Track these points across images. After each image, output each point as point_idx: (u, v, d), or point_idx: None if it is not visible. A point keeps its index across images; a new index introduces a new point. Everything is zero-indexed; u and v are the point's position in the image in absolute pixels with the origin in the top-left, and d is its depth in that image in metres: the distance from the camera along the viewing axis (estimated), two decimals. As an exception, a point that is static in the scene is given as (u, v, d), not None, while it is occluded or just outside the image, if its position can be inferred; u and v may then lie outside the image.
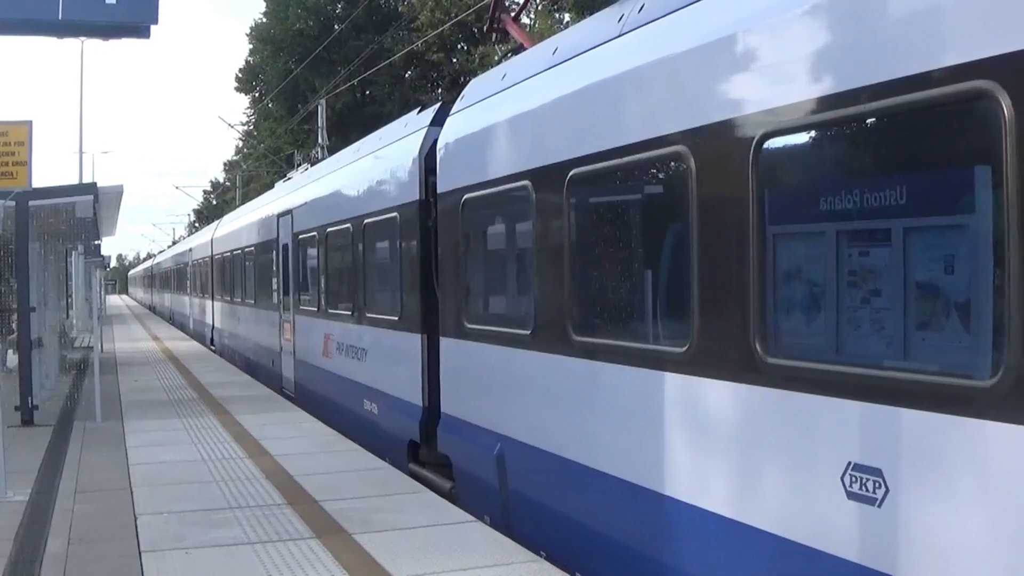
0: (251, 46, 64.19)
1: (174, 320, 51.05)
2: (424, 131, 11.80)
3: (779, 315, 5.68)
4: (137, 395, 18.19)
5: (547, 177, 8.22)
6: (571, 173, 7.79)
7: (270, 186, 36.26)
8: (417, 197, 11.62)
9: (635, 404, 7.00)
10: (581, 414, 7.79)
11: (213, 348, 31.45)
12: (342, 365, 15.07)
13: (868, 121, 5.10)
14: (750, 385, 5.70)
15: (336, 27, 51.77)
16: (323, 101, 38.27)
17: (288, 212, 19.26)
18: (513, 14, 12.54)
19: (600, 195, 8.11)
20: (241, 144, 76.36)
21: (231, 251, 27.49)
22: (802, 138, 5.62)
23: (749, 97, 5.79)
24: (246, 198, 50.88)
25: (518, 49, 9.58)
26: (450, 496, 10.11)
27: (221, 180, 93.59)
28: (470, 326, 9.95)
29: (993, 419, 4.18)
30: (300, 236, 18.11)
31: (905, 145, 5.08)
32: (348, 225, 14.66)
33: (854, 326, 5.30)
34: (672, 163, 6.71)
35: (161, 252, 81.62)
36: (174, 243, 79.95)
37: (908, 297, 4.97)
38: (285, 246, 19.37)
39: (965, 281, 4.69)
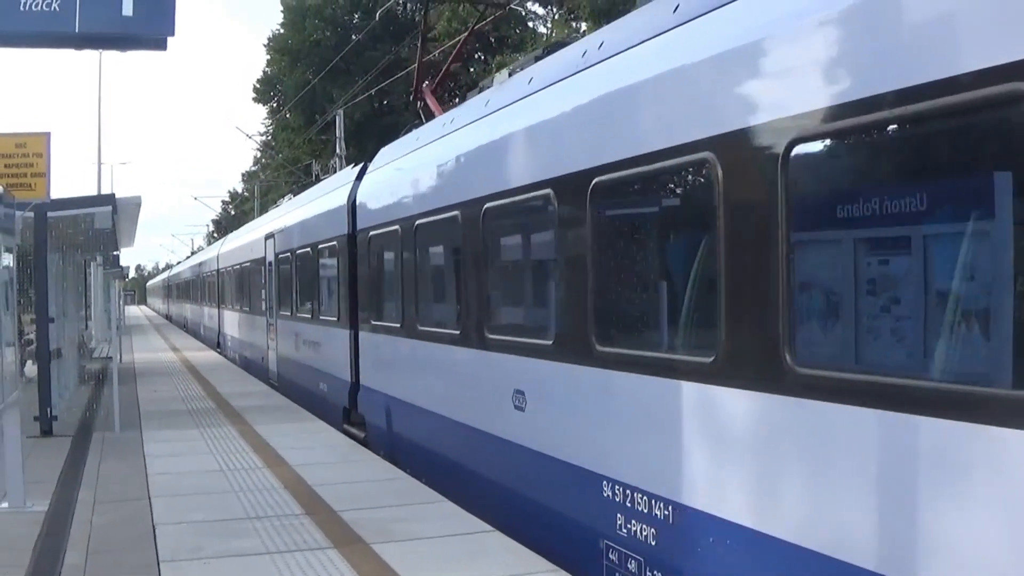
0: (268, 57, 64.46)
1: (188, 327, 54.27)
2: (351, 184, 16.14)
3: (488, 313, 10.14)
4: (156, 405, 18.24)
5: (407, 224, 12.56)
6: (417, 223, 12.15)
7: (287, 195, 36.82)
8: (346, 231, 15.90)
9: (438, 366, 11.61)
10: (423, 375, 12.24)
11: (219, 350, 35.04)
12: (306, 357, 19.40)
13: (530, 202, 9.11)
14: (478, 350, 10.12)
15: (353, 37, 51.93)
16: (340, 111, 38.41)
17: (272, 235, 23.26)
18: (432, 87, 16.45)
19: (432, 239, 12.22)
20: (259, 154, 76.70)
21: (232, 266, 31.51)
22: (509, 206, 9.50)
23: (478, 184, 10.14)
24: (264, 209, 51.08)
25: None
26: (363, 442, 14.34)
27: (239, 190, 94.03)
28: (373, 322, 14.45)
29: (553, 360, 8.41)
30: (280, 255, 22.17)
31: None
32: (309, 248, 18.92)
33: (514, 314, 10.24)
34: (456, 221, 10.68)
35: (178, 264, 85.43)
36: (192, 253, 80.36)
37: (522, 297, 10.27)
38: (270, 263, 23.32)
39: (544, 284, 9.40)
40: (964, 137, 4.81)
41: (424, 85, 16.41)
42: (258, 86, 66.99)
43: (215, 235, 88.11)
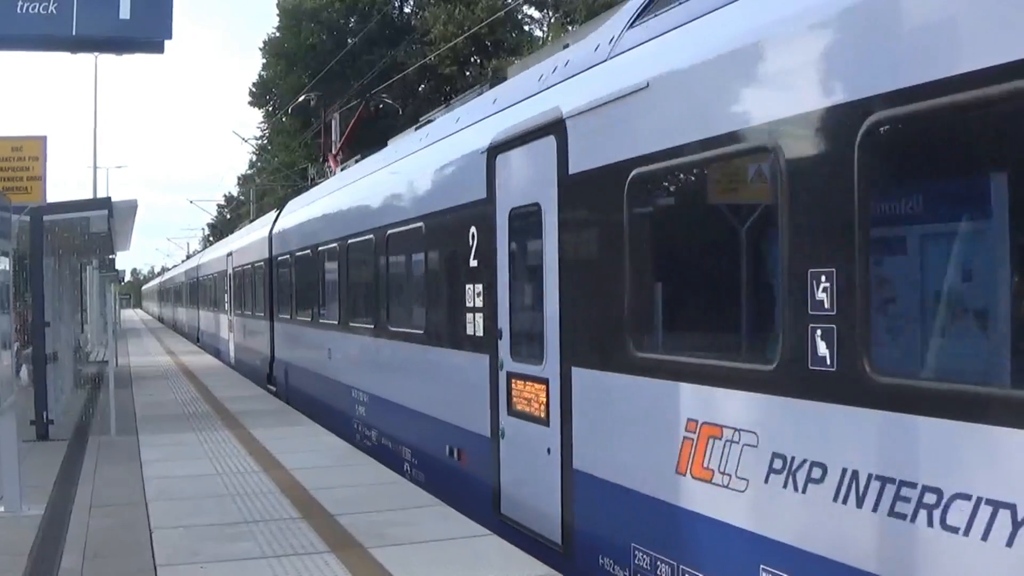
0: (264, 60, 64.33)
1: (176, 327, 62.41)
2: (271, 223, 23.95)
3: (318, 306, 18.02)
4: (152, 409, 18.22)
5: (291, 255, 20.27)
6: (296, 255, 19.67)
7: (284, 200, 37.27)
8: (267, 256, 23.47)
9: (303, 339, 19.45)
10: (297, 346, 20.13)
11: (199, 343, 42.56)
12: (248, 341, 27.17)
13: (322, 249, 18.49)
14: (314, 328, 18.12)
15: (349, 41, 51.89)
16: (336, 115, 38.38)
17: (231, 254, 31.24)
18: (335, 152, 25.91)
19: (302, 265, 19.25)
20: (255, 158, 76.59)
21: (207, 275, 39.93)
22: (327, 249, 17.11)
23: (315, 237, 18.21)
24: (260, 212, 51.07)
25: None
26: (276, 394, 21.25)
27: (235, 194, 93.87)
28: (279, 315, 22.07)
29: (339, 332, 16.14)
30: (234, 269, 29.87)
31: None
32: (249, 265, 26.51)
33: (325, 306, 17.67)
34: (310, 255, 18.33)
35: (168, 270, 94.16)
36: (188, 257, 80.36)
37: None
38: (229, 274, 31.25)
39: (334, 292, 17.12)
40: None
41: (327, 154, 26.25)
42: (254, 89, 66.89)
43: (211, 239, 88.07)
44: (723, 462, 5.98)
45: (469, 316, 9.95)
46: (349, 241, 15.19)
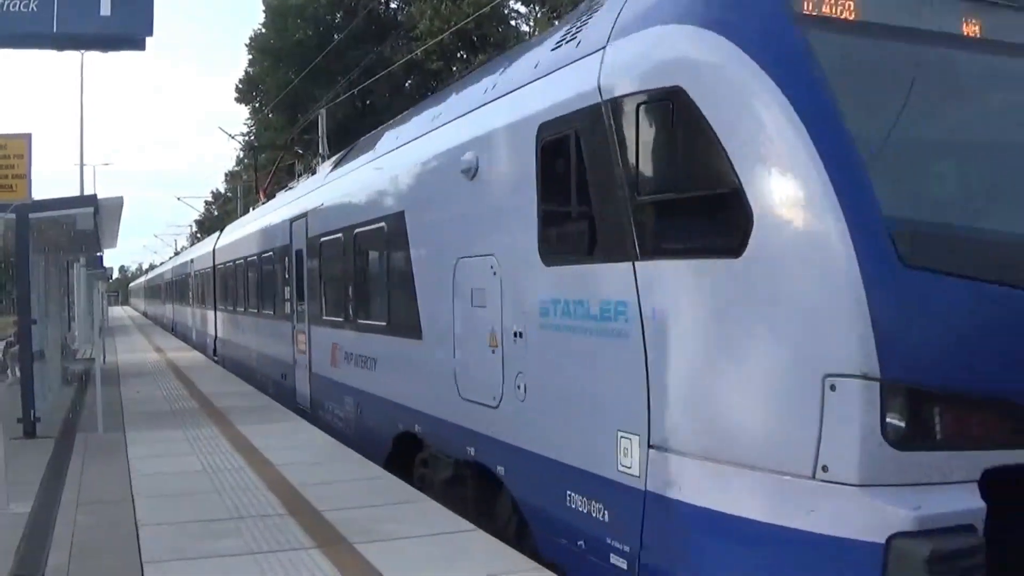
0: (250, 57, 64.12)
1: (157, 320, 69.80)
2: (215, 240, 33.44)
3: (232, 299, 28.18)
4: (139, 406, 18.18)
5: (223, 265, 29.88)
6: (224, 265, 29.46)
7: (270, 196, 37.36)
8: (212, 264, 32.03)
9: (230, 322, 28.59)
10: (229, 326, 28.78)
11: (173, 332, 50.67)
12: (201, 327, 36.50)
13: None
14: (231, 313, 28.16)
15: (335, 37, 51.74)
16: (323, 111, 38.35)
17: (192, 260, 40.97)
18: (265, 189, 33.27)
19: (229, 273, 28.47)
20: (242, 155, 76.38)
21: (178, 276, 49.50)
22: (235, 264, 27.75)
23: (233, 254, 28.20)
24: (247, 209, 51.03)
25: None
26: (218, 363, 29.48)
27: (222, 190, 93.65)
28: (218, 306, 31.23)
29: (236, 314, 28.05)
30: (195, 271, 38.80)
31: None
32: (203, 270, 35.26)
33: (237, 298, 27.51)
34: (231, 267, 28.30)
35: (151, 270, 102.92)
36: (176, 254, 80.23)
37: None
38: (192, 276, 40.09)
39: (249, 291, 25.71)
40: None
41: (259, 188, 34.74)
42: (240, 86, 66.69)
43: (198, 235, 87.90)
44: (338, 357, 14.73)
45: (286, 302, 18.91)
46: (247, 259, 24.52)
